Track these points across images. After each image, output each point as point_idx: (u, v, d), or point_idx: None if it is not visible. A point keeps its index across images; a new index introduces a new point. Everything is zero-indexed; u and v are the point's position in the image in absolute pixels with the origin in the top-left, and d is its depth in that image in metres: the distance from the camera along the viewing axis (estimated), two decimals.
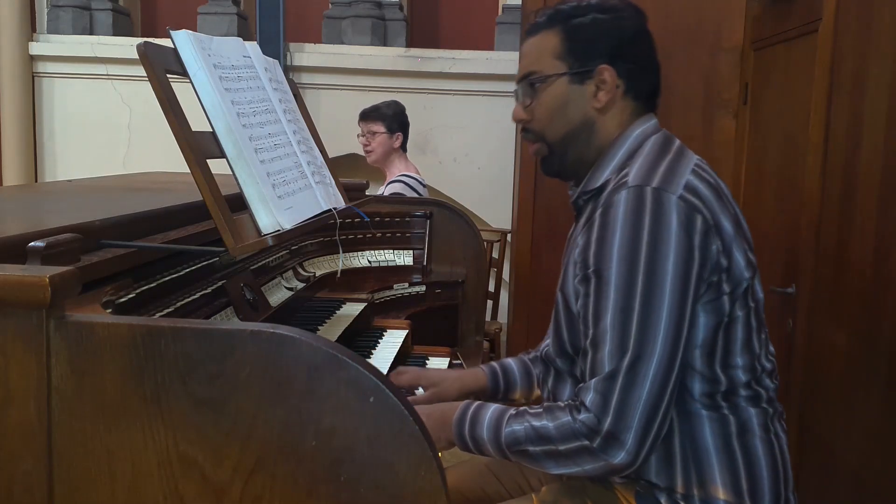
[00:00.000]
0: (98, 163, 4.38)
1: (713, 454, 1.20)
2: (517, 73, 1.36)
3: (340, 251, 2.12)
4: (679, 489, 1.20)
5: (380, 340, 1.87)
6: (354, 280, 2.16)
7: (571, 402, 1.16)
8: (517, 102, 1.36)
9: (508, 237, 3.80)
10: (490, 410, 1.22)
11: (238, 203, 1.22)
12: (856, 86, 1.89)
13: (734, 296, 1.18)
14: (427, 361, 1.91)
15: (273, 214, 1.24)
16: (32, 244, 0.93)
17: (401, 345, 1.86)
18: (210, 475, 0.85)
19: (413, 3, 4.80)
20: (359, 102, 3.67)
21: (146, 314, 1.18)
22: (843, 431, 1.91)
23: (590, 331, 1.16)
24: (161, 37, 4.12)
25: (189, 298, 1.32)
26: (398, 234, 2.29)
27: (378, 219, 2.25)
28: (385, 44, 4.47)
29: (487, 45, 4.44)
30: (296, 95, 1.63)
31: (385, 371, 1.62)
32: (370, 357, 1.76)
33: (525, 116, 1.34)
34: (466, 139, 4.35)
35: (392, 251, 2.28)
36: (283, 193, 1.30)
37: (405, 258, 2.28)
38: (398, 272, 2.25)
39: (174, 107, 1.15)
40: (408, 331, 1.96)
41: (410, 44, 4.56)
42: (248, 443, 0.84)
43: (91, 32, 4.58)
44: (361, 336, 1.89)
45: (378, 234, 2.26)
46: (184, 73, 1.22)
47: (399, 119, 3.36)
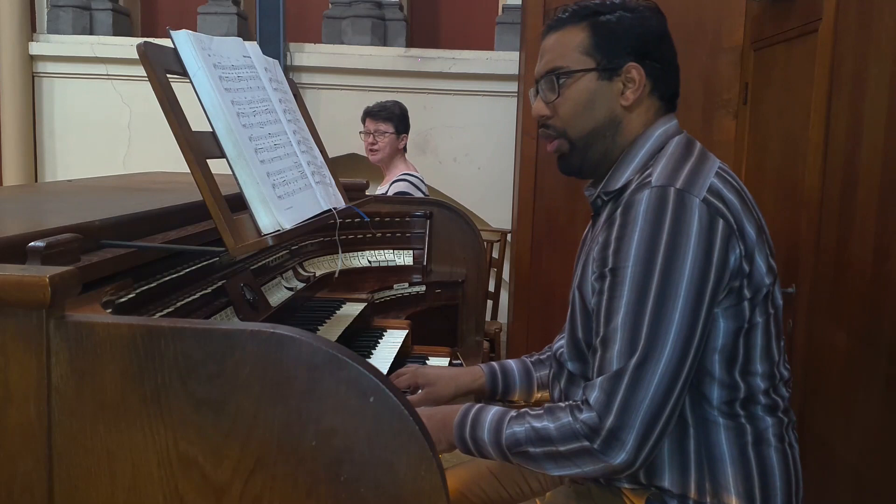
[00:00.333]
0: (98, 163, 4.38)
1: (728, 462, 1.19)
2: (538, 69, 1.32)
3: (340, 251, 2.12)
4: (692, 495, 1.19)
5: (380, 340, 1.87)
6: (354, 280, 2.16)
7: (573, 402, 1.15)
8: (536, 98, 1.33)
9: (508, 237, 3.81)
10: (491, 413, 1.21)
11: (238, 203, 1.22)
12: (856, 86, 1.89)
13: (754, 301, 1.17)
14: (427, 361, 1.91)
15: (273, 214, 1.24)
16: (32, 244, 0.93)
17: (401, 345, 1.86)
18: (210, 475, 0.85)
19: (413, 3, 4.80)
20: (359, 102, 3.68)
21: (146, 314, 1.18)
22: (843, 431, 1.91)
23: (601, 328, 1.15)
24: (161, 37, 4.12)
25: (189, 298, 1.32)
26: (398, 234, 2.29)
27: (378, 219, 2.25)
28: (385, 44, 4.48)
29: (487, 45, 4.44)
30: (296, 95, 1.63)
31: (385, 371, 1.62)
32: (370, 357, 1.76)
33: (547, 112, 1.30)
34: (466, 139, 4.36)
35: (392, 251, 2.28)
36: (283, 193, 1.30)
37: (405, 258, 2.28)
38: (398, 272, 2.25)
39: (174, 107, 1.15)
40: (408, 331, 1.96)
41: (410, 44, 4.56)
42: (248, 443, 0.84)
43: (91, 32, 4.58)
44: (361, 336, 1.89)
45: (378, 234, 2.26)
46: (184, 73, 1.22)
47: (405, 121, 3.40)
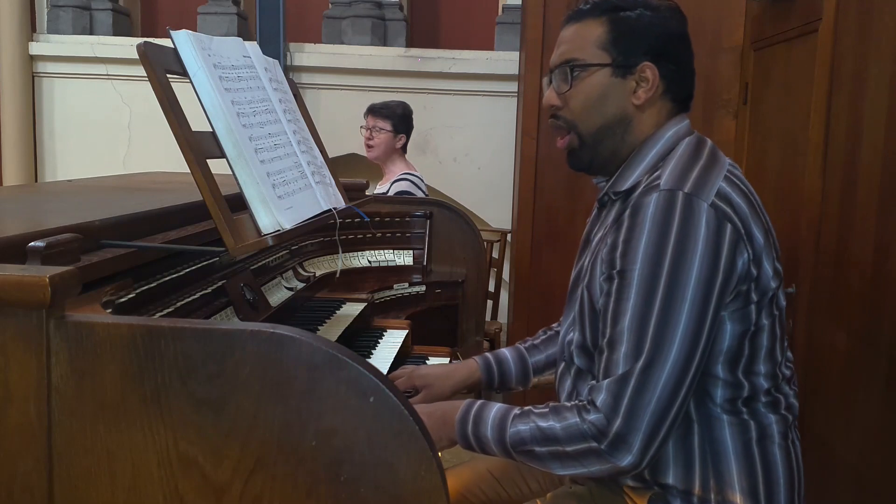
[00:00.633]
0: (98, 163, 4.38)
1: (732, 458, 1.19)
2: (553, 58, 1.32)
3: (340, 251, 2.12)
4: (696, 492, 1.20)
5: (380, 340, 1.87)
6: (354, 280, 2.16)
7: (579, 403, 1.15)
8: (548, 88, 1.32)
9: (508, 237, 3.81)
10: (494, 410, 1.21)
11: (238, 203, 1.22)
12: (856, 86, 1.89)
13: (761, 305, 1.18)
14: (427, 361, 1.91)
15: (273, 214, 1.24)
16: (32, 244, 0.93)
17: (401, 345, 1.86)
18: (210, 475, 0.85)
19: (413, 3, 4.80)
20: (359, 102, 3.67)
21: (146, 314, 1.18)
22: (843, 431, 1.91)
23: (607, 330, 1.15)
24: (161, 37, 4.12)
25: (189, 298, 1.32)
26: (398, 234, 2.29)
27: (378, 219, 2.25)
28: (385, 44, 4.47)
29: (487, 45, 4.44)
30: (296, 95, 1.63)
31: (385, 371, 1.62)
32: (370, 357, 1.76)
33: (557, 103, 1.30)
34: (466, 139, 4.36)
35: (392, 251, 2.28)
36: (283, 193, 1.30)
37: (405, 258, 2.28)
38: (398, 272, 2.25)
39: (174, 107, 1.15)
40: (408, 331, 1.96)
41: (410, 44, 4.56)
42: (248, 443, 0.84)
43: (91, 32, 4.58)
44: (361, 336, 1.89)
45: (378, 234, 2.26)
46: (184, 73, 1.22)
47: (406, 121, 3.39)
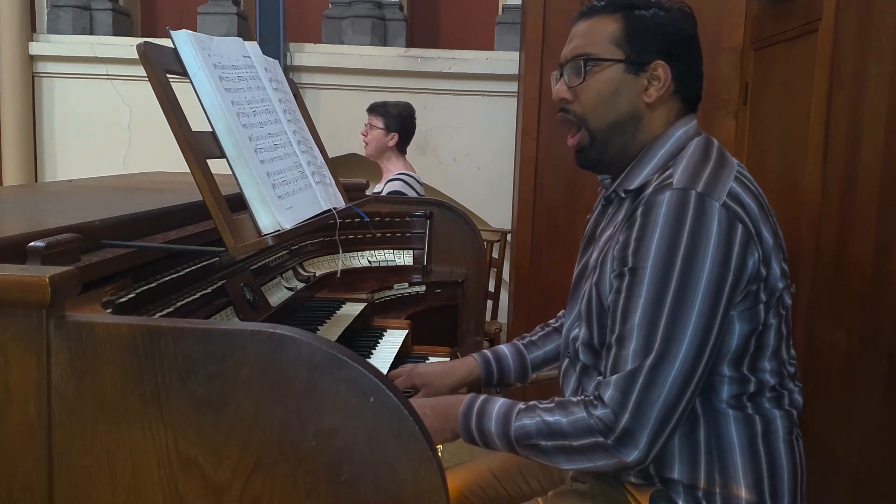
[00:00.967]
0: (98, 163, 4.38)
1: (738, 453, 1.20)
2: (565, 52, 1.32)
3: (340, 251, 2.12)
4: (702, 485, 1.20)
5: (380, 340, 1.87)
6: (354, 280, 2.16)
7: (587, 398, 1.16)
8: (558, 81, 1.32)
9: (508, 237, 3.81)
10: (498, 404, 1.22)
11: (238, 203, 1.22)
12: (856, 86, 1.89)
13: (769, 304, 1.18)
14: (427, 361, 1.91)
15: (273, 214, 1.24)
16: (32, 244, 0.93)
17: (401, 345, 1.86)
18: (210, 475, 0.85)
19: (413, 3, 4.80)
20: (359, 102, 3.67)
21: (146, 314, 1.18)
22: (843, 431, 1.91)
23: (617, 327, 1.16)
24: (161, 37, 4.12)
25: (189, 298, 1.32)
26: (398, 234, 2.29)
27: (378, 219, 2.25)
28: (385, 44, 4.48)
29: (487, 45, 4.44)
30: (296, 95, 1.63)
31: (385, 371, 1.62)
32: (370, 357, 1.76)
33: (568, 96, 1.30)
34: (466, 139, 4.36)
35: (392, 251, 2.28)
36: (283, 193, 1.30)
37: (405, 258, 2.28)
38: (398, 272, 2.25)
39: (174, 107, 1.15)
40: (408, 331, 1.96)
41: (410, 44, 4.56)
42: (248, 443, 0.84)
43: (91, 32, 4.58)
44: (361, 336, 1.89)
45: (378, 234, 2.26)
46: (184, 73, 1.22)
47: (400, 121, 3.37)
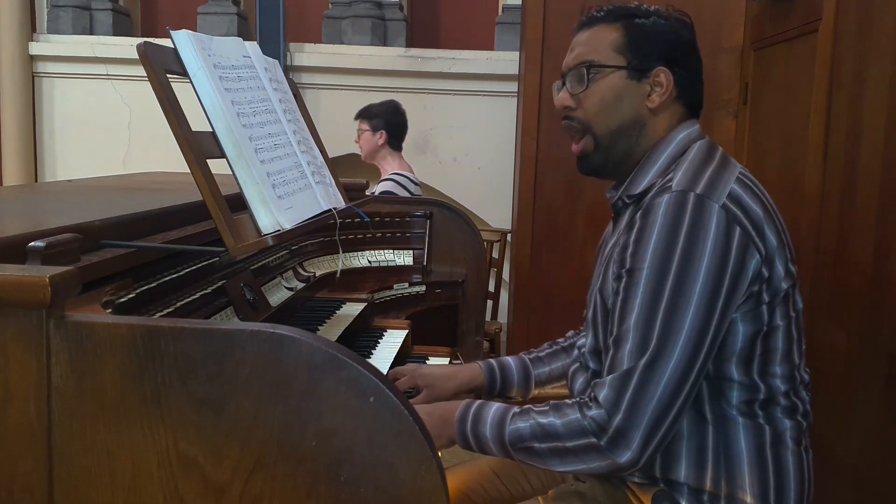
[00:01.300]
0: (98, 163, 4.38)
1: (745, 461, 1.20)
2: (567, 61, 1.33)
3: (340, 251, 2.12)
4: (707, 488, 1.20)
5: (380, 340, 1.87)
6: (354, 280, 2.16)
7: (581, 399, 1.16)
8: (561, 90, 1.33)
9: (508, 237, 3.81)
10: (493, 408, 1.22)
11: (238, 203, 1.22)
12: (856, 86, 1.90)
13: (773, 305, 1.18)
14: (427, 361, 1.91)
15: (273, 214, 1.24)
16: (32, 244, 0.93)
17: (401, 345, 1.86)
18: (210, 475, 0.85)
19: (413, 3, 4.80)
20: (359, 102, 3.67)
21: (146, 314, 1.18)
22: (843, 431, 1.91)
23: (615, 328, 1.16)
24: (161, 37, 4.12)
25: (189, 298, 1.32)
26: (398, 234, 2.29)
27: (378, 219, 2.25)
28: (385, 44, 4.48)
29: (487, 45, 4.44)
30: (296, 95, 1.63)
31: (385, 371, 1.62)
32: (370, 357, 1.76)
33: (570, 104, 1.31)
34: (466, 139, 4.36)
35: (392, 251, 2.28)
36: (283, 193, 1.30)
37: (405, 258, 2.28)
38: (398, 272, 2.25)
39: (174, 107, 1.15)
40: (408, 331, 1.96)
41: (410, 44, 4.56)
42: (248, 443, 0.84)
43: (91, 32, 4.58)
44: (361, 336, 1.89)
45: (378, 234, 2.26)
46: (184, 73, 1.22)
47: (385, 118, 3.37)
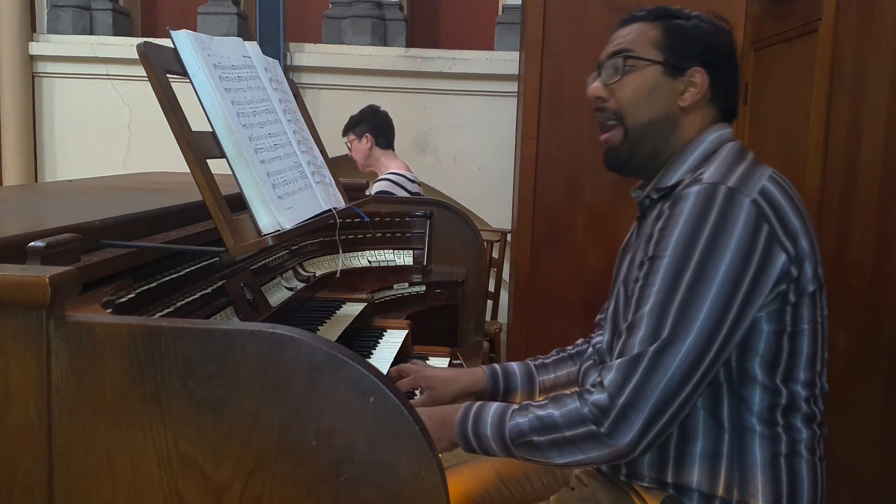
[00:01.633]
0: (98, 163, 4.39)
1: (759, 468, 1.19)
2: (605, 52, 1.33)
3: (340, 251, 2.12)
4: (719, 494, 1.20)
5: (380, 340, 1.87)
6: (354, 280, 2.16)
7: (582, 388, 1.16)
8: (595, 80, 1.33)
9: (508, 237, 3.81)
10: (493, 408, 1.22)
11: (238, 203, 1.22)
12: (856, 86, 1.89)
13: (799, 306, 1.18)
14: (427, 361, 1.91)
15: (273, 214, 1.24)
16: (32, 244, 0.93)
17: (401, 345, 1.86)
18: (210, 475, 0.85)
19: (413, 3, 4.80)
20: (359, 102, 3.68)
21: (146, 314, 1.18)
22: (843, 431, 1.91)
23: (630, 315, 1.16)
24: (161, 37, 4.13)
25: (189, 298, 1.32)
26: (398, 234, 2.29)
27: (378, 219, 2.25)
28: (385, 44, 4.48)
29: (487, 45, 4.45)
30: (296, 95, 1.63)
31: (385, 371, 1.62)
32: (370, 357, 1.76)
33: (603, 94, 1.31)
34: (466, 139, 4.36)
35: (392, 251, 2.28)
36: (283, 193, 1.30)
37: (405, 258, 2.28)
38: (398, 272, 2.25)
39: (174, 107, 1.15)
40: (408, 331, 1.96)
41: (410, 44, 4.56)
42: (248, 443, 0.84)
43: (91, 32, 4.58)
44: (361, 336, 1.89)
45: (378, 234, 2.26)
46: (184, 73, 1.22)
47: (365, 121, 3.41)
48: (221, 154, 1.22)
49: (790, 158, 2.29)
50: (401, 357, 1.83)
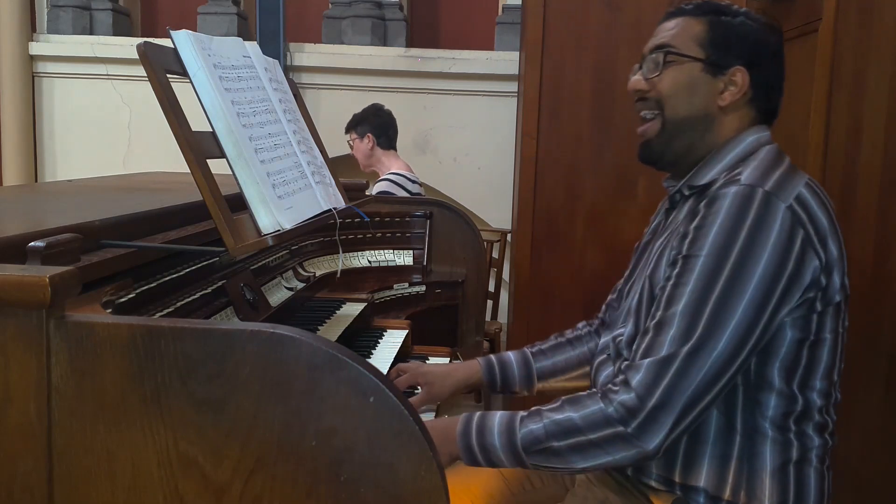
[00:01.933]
0: (98, 163, 4.38)
1: (767, 474, 1.19)
2: (648, 45, 1.32)
3: (340, 251, 2.12)
4: (726, 496, 1.19)
5: (380, 340, 1.87)
6: (354, 280, 2.16)
7: (603, 388, 1.14)
8: (637, 73, 1.32)
9: (508, 237, 3.81)
10: (497, 417, 1.19)
11: (238, 203, 1.22)
12: (856, 86, 1.89)
13: (823, 315, 1.17)
14: (427, 361, 1.91)
15: (273, 214, 1.24)
16: (32, 244, 0.93)
17: (401, 345, 1.86)
18: (210, 475, 0.85)
19: (413, 3, 4.80)
20: (359, 102, 3.68)
21: (146, 314, 1.18)
22: (843, 431, 1.90)
23: (659, 312, 1.15)
24: (161, 37, 4.12)
25: (189, 298, 1.32)
26: (398, 234, 2.29)
27: (378, 219, 2.25)
28: (385, 44, 4.48)
29: (487, 45, 4.44)
30: (296, 95, 1.63)
31: (385, 371, 1.62)
32: (370, 357, 1.76)
33: (644, 87, 1.30)
34: (466, 139, 4.36)
35: (392, 251, 2.28)
36: (283, 193, 1.30)
37: (405, 258, 2.28)
38: (398, 272, 2.25)
39: (174, 107, 1.15)
40: (408, 331, 1.96)
41: (410, 44, 4.56)
42: (248, 443, 0.84)
43: (91, 32, 4.58)
44: (361, 336, 1.89)
45: (378, 234, 2.27)
46: (184, 73, 1.22)
47: (368, 121, 3.40)
48: (221, 154, 1.22)
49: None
50: (401, 357, 1.83)
